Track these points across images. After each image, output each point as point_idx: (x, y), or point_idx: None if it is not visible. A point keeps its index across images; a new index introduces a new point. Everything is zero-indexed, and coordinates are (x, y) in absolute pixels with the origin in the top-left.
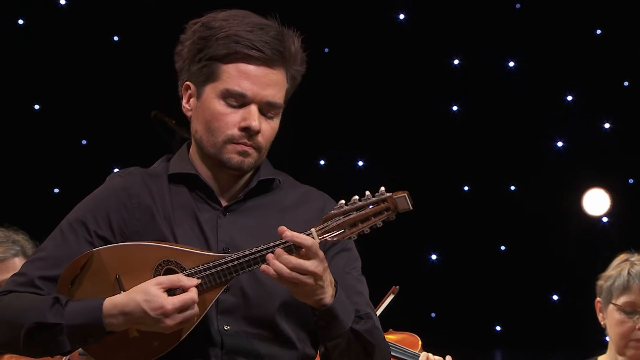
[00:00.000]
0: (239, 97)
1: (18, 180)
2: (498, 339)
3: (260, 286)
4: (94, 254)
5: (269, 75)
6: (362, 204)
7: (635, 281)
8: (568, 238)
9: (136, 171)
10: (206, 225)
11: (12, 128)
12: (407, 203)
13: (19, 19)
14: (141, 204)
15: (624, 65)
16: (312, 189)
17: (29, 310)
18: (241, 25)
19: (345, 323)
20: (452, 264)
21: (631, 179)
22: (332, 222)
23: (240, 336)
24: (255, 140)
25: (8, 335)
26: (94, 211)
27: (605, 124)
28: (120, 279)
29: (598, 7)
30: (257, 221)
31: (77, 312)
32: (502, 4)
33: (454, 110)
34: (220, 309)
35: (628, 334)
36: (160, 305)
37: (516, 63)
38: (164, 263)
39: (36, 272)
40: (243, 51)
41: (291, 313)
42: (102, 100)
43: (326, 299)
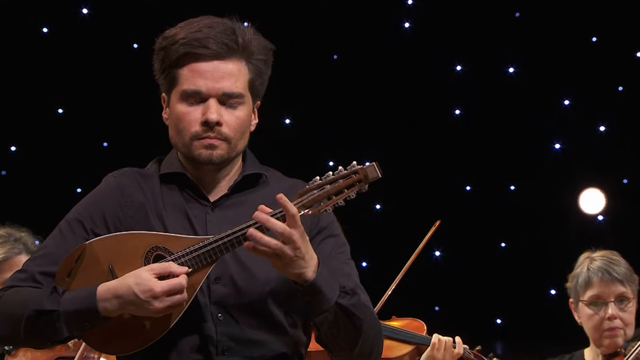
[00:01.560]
0: (196, 95)
1: (43, 179)
2: (498, 332)
3: (251, 276)
4: (86, 246)
5: (221, 67)
6: (335, 177)
7: (596, 275)
8: (565, 235)
9: (129, 172)
10: (196, 221)
11: (38, 131)
12: (376, 171)
13: (43, 28)
14: (134, 202)
15: (619, 71)
16: (299, 182)
17: (29, 301)
18: (190, 29)
19: (330, 297)
20: (454, 260)
21: (625, 179)
22: (307, 196)
23: (233, 324)
24: (220, 131)
25: (9, 327)
26: (91, 210)
27: (601, 126)
28: (113, 268)
29: (594, 16)
30: (244, 215)
31: (73, 298)
32: (502, 12)
33: (456, 113)
34: (213, 299)
35: (599, 325)
36: (149, 288)
37: (516, 69)
38: (152, 249)
39: (37, 268)
40: (191, 51)
41: (281, 300)
42: (121, 105)
43: (307, 273)
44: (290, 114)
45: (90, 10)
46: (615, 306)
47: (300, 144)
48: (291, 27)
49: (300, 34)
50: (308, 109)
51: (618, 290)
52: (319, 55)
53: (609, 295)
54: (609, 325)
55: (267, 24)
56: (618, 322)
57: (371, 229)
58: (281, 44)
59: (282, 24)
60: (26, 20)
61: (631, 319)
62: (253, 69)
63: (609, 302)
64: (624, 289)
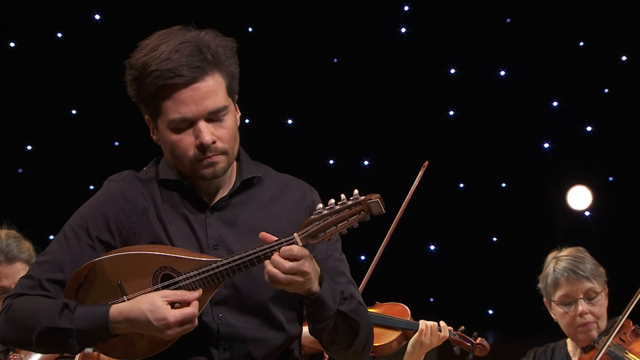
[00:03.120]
0: (183, 122)
1: (57, 177)
2: (490, 321)
3: (250, 278)
4: (95, 264)
5: (200, 89)
6: (338, 208)
7: (562, 275)
8: (554, 230)
9: (130, 176)
10: (196, 224)
11: (52, 131)
12: (380, 207)
13: (57, 33)
14: (137, 208)
15: (605, 74)
16: (292, 180)
17: (41, 314)
18: (159, 59)
19: (332, 307)
20: (448, 253)
21: (611, 177)
22: (312, 226)
23: (234, 324)
24: (216, 148)
25: (21, 335)
26: (95, 216)
27: (588, 127)
28: (122, 285)
29: (581, 22)
30: (241, 217)
31: (85, 317)
32: (493, 18)
33: (450, 114)
34: (214, 301)
35: (572, 322)
36: (163, 317)
37: (507, 72)
38: (160, 269)
39: (43, 274)
40: (168, 82)
41: (279, 298)
42: (133, 106)
43: (313, 287)
44: (292, 115)
45: (102, 16)
46: (585, 302)
47: (301, 143)
48: (294, 32)
49: (303, 39)
50: (309, 110)
51: (585, 286)
52: (319, 59)
53: (577, 293)
54: (581, 322)
55: (272, 31)
56: (589, 317)
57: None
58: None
59: (286, 31)
60: (41, 26)
61: (602, 312)
62: (226, 75)
63: (578, 299)
64: (591, 284)
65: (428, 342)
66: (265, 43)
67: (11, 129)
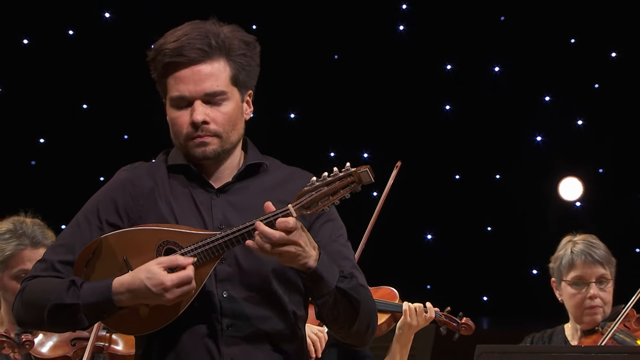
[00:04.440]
0: (182, 100)
1: (68, 169)
2: (485, 308)
3: (253, 256)
4: (102, 240)
5: (201, 71)
6: (330, 179)
7: (579, 257)
8: (546, 220)
9: (140, 165)
10: (202, 206)
11: (64, 125)
12: (369, 176)
13: (69, 30)
14: (144, 191)
15: (595, 70)
16: (297, 170)
17: (49, 293)
18: (170, 40)
19: (330, 282)
20: (445, 242)
21: (601, 169)
22: (306, 197)
23: (237, 301)
24: (208, 129)
25: (34, 315)
26: (105, 201)
27: (579, 121)
28: (128, 260)
29: (572, 20)
30: (246, 200)
31: (90, 292)
32: (488, 16)
33: (446, 109)
34: (219, 278)
35: (581, 304)
36: (160, 282)
37: (501, 68)
38: (163, 243)
39: (56, 257)
40: (172, 61)
41: (281, 278)
42: (141, 101)
43: (310, 262)
44: (295, 110)
45: (112, 14)
46: (596, 286)
47: (303, 136)
48: (297, 30)
49: (305, 37)
50: (311, 104)
51: (599, 271)
52: (321, 55)
53: (591, 276)
54: (589, 304)
55: (276, 30)
56: (598, 301)
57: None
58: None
59: (289, 29)
60: (53, 23)
61: (609, 299)
62: (234, 64)
63: (591, 282)
64: (604, 270)
65: (415, 323)
66: (270, 41)
67: (25, 122)
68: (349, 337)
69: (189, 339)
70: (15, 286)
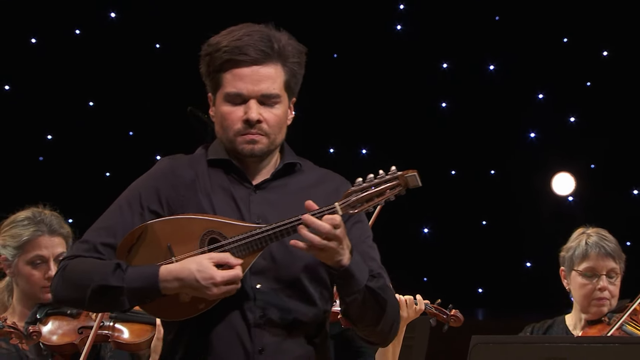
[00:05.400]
0: (238, 97)
1: (75, 164)
2: (480, 300)
3: (287, 251)
4: (147, 226)
5: (259, 72)
6: (377, 181)
7: (593, 249)
8: (539, 214)
9: (180, 156)
10: (240, 201)
11: (71, 121)
12: (416, 180)
13: (76, 29)
14: (185, 182)
15: (587, 68)
16: (329, 172)
17: (94, 273)
18: (232, 37)
19: (360, 281)
20: (441, 236)
21: (593, 164)
22: (352, 197)
23: (270, 293)
24: (260, 127)
25: (75, 294)
26: (147, 188)
27: (571, 118)
28: (171, 247)
29: (565, 19)
30: (282, 197)
31: (136, 277)
32: (483, 16)
33: (443, 106)
34: (253, 270)
35: (590, 294)
36: (211, 276)
37: (496, 66)
38: (208, 233)
39: (98, 239)
40: (234, 58)
41: (313, 274)
42: (146, 98)
43: (344, 260)
44: (296, 107)
45: (117, 14)
46: (606, 279)
47: (304, 132)
48: (297, 29)
49: (305, 35)
50: (311, 102)
51: (610, 265)
52: (320, 54)
53: (602, 269)
54: (598, 296)
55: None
56: (607, 294)
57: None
58: None
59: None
60: (60, 23)
61: (617, 292)
62: (288, 70)
63: (601, 274)
64: (615, 265)
65: (405, 315)
66: None
67: (33, 119)
68: (373, 335)
69: (221, 327)
70: (29, 271)
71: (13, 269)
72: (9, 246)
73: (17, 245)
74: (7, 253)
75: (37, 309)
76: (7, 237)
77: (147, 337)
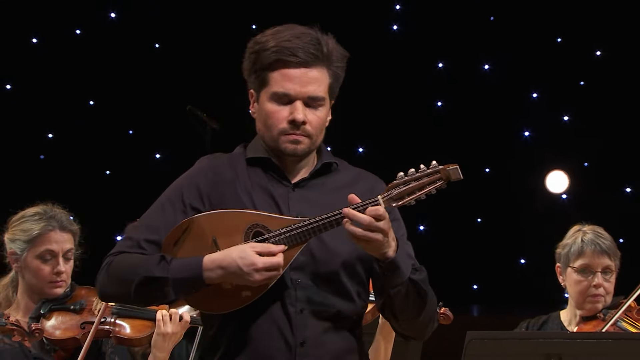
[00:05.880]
0: (285, 97)
1: (76, 163)
2: (475, 296)
3: (326, 247)
4: (193, 220)
5: (307, 74)
6: (418, 175)
7: (588, 246)
8: (533, 211)
9: (220, 155)
10: (279, 199)
11: (71, 120)
12: (458, 173)
13: (76, 30)
14: (225, 180)
15: (580, 68)
16: (364, 171)
17: (139, 266)
18: (282, 37)
19: (405, 273)
20: (436, 233)
21: (586, 163)
22: (394, 190)
23: (309, 288)
24: (304, 129)
25: (120, 288)
26: (188, 186)
27: (565, 116)
28: (216, 240)
29: (558, 19)
30: (320, 196)
31: (180, 267)
32: (478, 16)
33: (438, 105)
34: (292, 266)
35: (585, 291)
36: (252, 262)
37: (490, 66)
38: (252, 226)
39: (141, 235)
40: (283, 58)
41: (350, 271)
42: (145, 97)
43: (389, 252)
44: None
45: (117, 14)
46: (601, 276)
47: None
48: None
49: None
50: None
51: (605, 262)
52: None
53: (598, 266)
54: (593, 292)
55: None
56: (602, 290)
57: None
58: None
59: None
60: (61, 23)
61: (612, 289)
62: (332, 74)
63: (597, 272)
64: (610, 262)
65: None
66: None
67: (34, 118)
68: (411, 327)
69: (263, 320)
70: (37, 265)
71: (21, 263)
72: (19, 240)
73: (27, 239)
74: (16, 247)
75: (41, 305)
76: (17, 231)
77: (147, 332)
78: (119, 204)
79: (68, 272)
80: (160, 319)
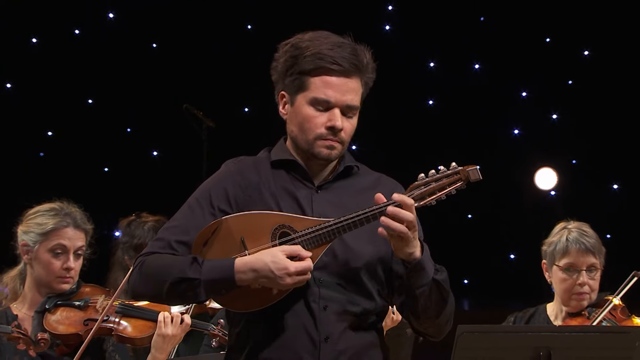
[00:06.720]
0: (325, 103)
1: (75, 160)
2: (465, 290)
3: (348, 248)
4: (222, 221)
5: (347, 83)
6: (439, 175)
7: (573, 245)
8: (522, 208)
9: (245, 159)
10: (303, 200)
11: (71, 118)
12: (477, 174)
13: (75, 30)
14: (251, 183)
15: (569, 67)
16: (384, 175)
17: (172, 267)
18: (323, 45)
19: (429, 274)
20: (427, 229)
21: (574, 160)
22: (416, 190)
23: (332, 287)
24: (339, 135)
25: (153, 288)
26: (216, 189)
27: (553, 115)
28: (244, 241)
29: (547, 20)
30: (342, 198)
31: (213, 269)
32: (468, 16)
33: (430, 103)
34: (316, 266)
35: (570, 289)
36: (284, 267)
37: (480, 65)
38: (279, 227)
39: (172, 237)
40: (326, 66)
41: (371, 271)
42: (143, 96)
43: (417, 252)
44: None
45: (115, 15)
46: (586, 274)
47: None
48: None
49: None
50: None
51: (590, 260)
52: None
53: (582, 264)
54: (578, 290)
55: (269, 29)
56: (586, 288)
57: None
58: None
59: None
60: (61, 23)
61: (596, 286)
62: (364, 84)
63: (582, 270)
64: (595, 260)
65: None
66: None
67: (34, 116)
68: (431, 327)
69: (288, 317)
70: (48, 259)
71: (32, 255)
72: (33, 232)
73: (41, 232)
74: (29, 239)
75: (47, 299)
76: (31, 224)
77: (149, 333)
78: (117, 200)
79: (77, 269)
80: (162, 320)
